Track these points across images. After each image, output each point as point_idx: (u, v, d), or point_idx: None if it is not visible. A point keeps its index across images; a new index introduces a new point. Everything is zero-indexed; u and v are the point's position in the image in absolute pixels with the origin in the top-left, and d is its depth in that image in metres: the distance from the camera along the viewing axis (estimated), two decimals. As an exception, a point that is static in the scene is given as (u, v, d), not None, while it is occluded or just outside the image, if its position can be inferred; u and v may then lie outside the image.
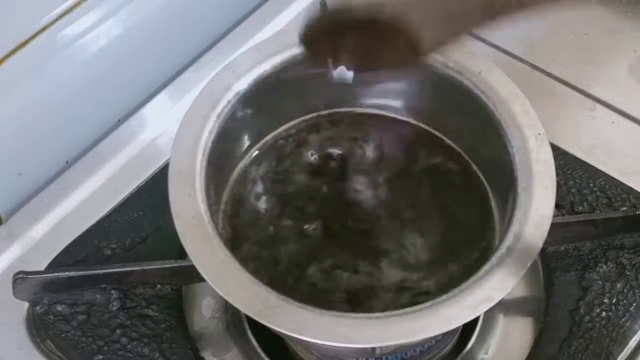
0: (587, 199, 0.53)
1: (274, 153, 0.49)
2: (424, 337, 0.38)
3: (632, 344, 0.48)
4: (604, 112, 0.59)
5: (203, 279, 0.39)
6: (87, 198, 0.56)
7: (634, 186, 0.54)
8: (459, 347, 0.50)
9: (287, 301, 0.38)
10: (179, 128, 0.44)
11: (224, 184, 0.47)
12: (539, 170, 0.42)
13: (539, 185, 0.41)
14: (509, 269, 0.39)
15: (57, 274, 0.50)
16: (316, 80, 0.47)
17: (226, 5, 0.66)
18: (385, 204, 0.47)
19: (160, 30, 0.62)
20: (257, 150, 0.49)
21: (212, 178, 0.44)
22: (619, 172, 0.54)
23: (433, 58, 0.45)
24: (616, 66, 0.62)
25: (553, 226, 0.40)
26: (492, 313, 0.51)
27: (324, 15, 0.37)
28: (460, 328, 0.48)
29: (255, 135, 0.49)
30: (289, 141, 0.49)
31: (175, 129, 0.44)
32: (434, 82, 0.46)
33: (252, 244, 0.46)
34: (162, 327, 0.49)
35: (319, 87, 0.48)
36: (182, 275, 0.49)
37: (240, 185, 0.48)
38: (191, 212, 0.41)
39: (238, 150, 0.48)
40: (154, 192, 0.55)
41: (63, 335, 0.49)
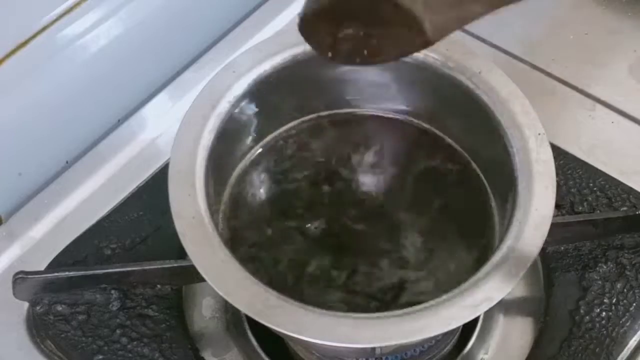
0: (587, 199, 0.53)
1: (274, 153, 0.49)
2: (424, 337, 0.38)
3: (632, 344, 0.48)
4: (604, 112, 0.59)
5: (203, 279, 0.39)
6: (87, 198, 0.56)
7: (634, 186, 0.53)
8: (458, 347, 0.50)
9: (287, 301, 0.38)
10: (179, 128, 0.44)
11: (224, 184, 0.47)
12: (539, 170, 0.42)
13: (539, 185, 0.41)
14: (509, 269, 0.39)
15: (57, 274, 0.50)
16: (316, 81, 0.47)
17: (226, 5, 0.66)
18: (385, 203, 0.47)
19: (160, 30, 0.62)
20: (257, 151, 0.49)
21: (212, 178, 0.44)
22: (619, 172, 0.54)
23: (433, 58, 0.45)
24: (616, 66, 0.62)
25: (553, 226, 0.40)
26: (492, 313, 0.51)
27: (324, 1, 0.36)
28: (460, 328, 0.48)
29: (255, 135, 0.49)
30: (289, 142, 0.49)
31: (175, 129, 0.44)
32: (434, 82, 0.46)
33: (252, 244, 0.46)
34: (162, 327, 0.49)
35: (320, 87, 0.48)
36: (182, 275, 0.49)
37: (240, 185, 0.48)
38: (191, 212, 0.41)
39: (238, 151, 0.48)
40: (154, 192, 0.55)
41: (63, 335, 0.49)
